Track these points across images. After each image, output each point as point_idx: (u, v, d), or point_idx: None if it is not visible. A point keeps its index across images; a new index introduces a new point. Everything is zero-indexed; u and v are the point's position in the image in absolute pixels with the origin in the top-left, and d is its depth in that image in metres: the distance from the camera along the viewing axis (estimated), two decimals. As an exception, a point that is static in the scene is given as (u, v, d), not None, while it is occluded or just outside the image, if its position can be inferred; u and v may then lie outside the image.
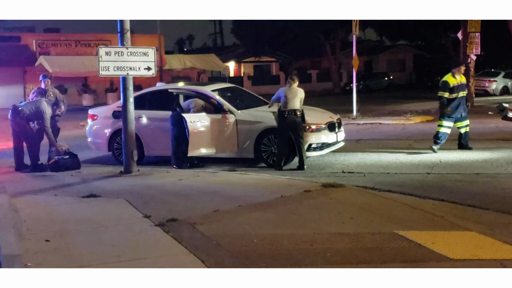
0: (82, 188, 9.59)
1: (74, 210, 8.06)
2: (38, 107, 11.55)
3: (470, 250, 5.94)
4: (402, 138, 15.60)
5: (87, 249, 6.23)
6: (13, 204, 8.27)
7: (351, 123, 19.65)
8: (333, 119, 12.45)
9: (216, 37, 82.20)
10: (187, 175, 10.55)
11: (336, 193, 8.58)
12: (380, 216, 7.26)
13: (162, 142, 12.33)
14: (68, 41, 41.50)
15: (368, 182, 9.67)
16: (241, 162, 12.13)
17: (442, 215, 7.28)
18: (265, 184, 9.50)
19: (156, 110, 12.71)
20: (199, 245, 6.22)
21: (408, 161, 11.80)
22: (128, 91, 10.96)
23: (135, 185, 9.73)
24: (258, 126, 11.85)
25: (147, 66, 11.04)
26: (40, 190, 9.59)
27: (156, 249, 6.18)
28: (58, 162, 11.50)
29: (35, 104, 11.73)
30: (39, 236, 6.71)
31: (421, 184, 9.58)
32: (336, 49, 46.40)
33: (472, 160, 11.68)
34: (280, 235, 6.54)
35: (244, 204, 8.01)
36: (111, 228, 7.06)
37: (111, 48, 10.88)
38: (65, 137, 15.44)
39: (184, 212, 7.64)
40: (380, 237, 6.36)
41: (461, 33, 24.74)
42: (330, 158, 12.44)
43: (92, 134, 13.56)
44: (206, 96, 12.35)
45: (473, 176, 10.05)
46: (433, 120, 20.17)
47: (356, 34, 22.58)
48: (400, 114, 22.40)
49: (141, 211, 7.78)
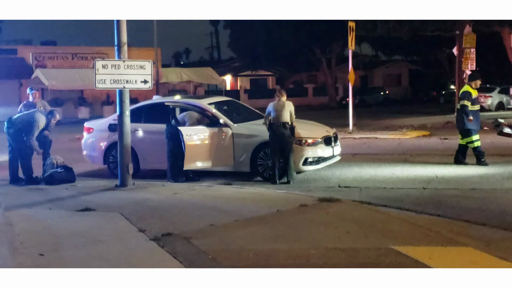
0: (77, 201, 9.54)
1: (68, 224, 8.01)
2: (31, 118, 11.51)
3: (467, 266, 5.90)
4: (398, 153, 15.61)
5: (81, 263, 6.18)
6: (7, 218, 8.22)
7: (347, 137, 19.67)
8: (330, 133, 12.46)
9: (213, 51, 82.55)
10: (183, 189, 10.51)
11: (333, 207, 8.56)
12: (376, 231, 7.23)
13: (158, 155, 12.31)
14: (65, 54, 41.60)
15: (365, 197, 9.65)
16: (237, 176, 12.10)
17: (439, 231, 7.25)
18: (261, 198, 9.47)
19: (152, 123, 12.69)
20: (194, 260, 6.18)
21: (404, 176, 11.79)
22: (124, 104, 10.95)
23: (130, 199, 9.69)
24: (254, 139, 11.85)
25: (143, 79, 11.04)
26: (35, 203, 9.53)
27: (151, 263, 6.13)
28: (53, 175, 11.46)
29: (29, 115, 11.69)
30: (33, 250, 6.66)
31: (417, 199, 9.57)
32: (332, 64, 46.58)
33: (468, 175, 11.67)
34: (276, 250, 6.51)
35: (240, 219, 7.98)
36: (106, 242, 7.01)
37: (108, 61, 10.88)
38: (60, 150, 15.38)
39: (179, 226, 7.60)
40: (377, 252, 6.33)
41: (456, 48, 24.90)
42: (326, 172, 12.43)
43: (87, 147, 13.53)
44: (202, 109, 12.34)
45: (469, 192, 10.04)
46: (429, 135, 20.23)
47: (352, 48, 22.67)
48: (396, 128, 22.44)
49: (136, 225, 7.73)
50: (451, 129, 22.12)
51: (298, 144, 11.66)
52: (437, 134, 20.07)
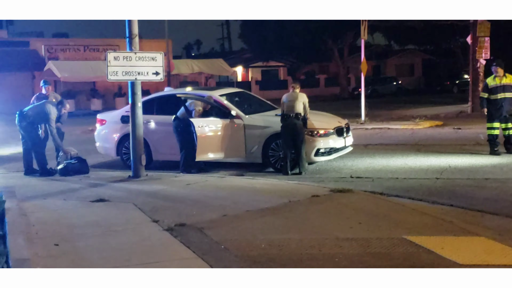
0: (91, 192, 9.62)
1: (82, 214, 8.08)
2: (43, 109, 11.59)
3: (480, 255, 5.90)
4: (411, 143, 15.55)
5: (95, 253, 6.25)
6: (22, 209, 8.30)
7: (359, 128, 19.60)
8: (341, 124, 12.44)
9: (224, 42, 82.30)
10: (195, 180, 10.56)
11: (345, 198, 8.56)
12: (388, 221, 7.24)
13: (170, 146, 12.36)
14: (77, 46, 41.72)
15: (377, 187, 9.65)
16: (248, 167, 12.13)
17: (451, 220, 7.24)
18: (273, 189, 9.49)
19: (164, 115, 12.71)
20: (207, 250, 6.22)
21: (417, 166, 11.76)
22: (136, 96, 10.99)
23: (143, 190, 9.75)
24: (266, 131, 11.86)
25: (155, 71, 11.07)
26: (49, 194, 9.62)
27: (165, 253, 6.19)
28: (67, 166, 11.55)
29: (39, 107, 11.77)
30: (48, 240, 6.74)
31: (430, 189, 9.54)
32: (344, 54, 46.39)
33: (482, 165, 11.62)
34: (288, 239, 6.53)
35: (252, 209, 8.01)
36: (120, 232, 7.07)
37: (119, 53, 10.92)
38: (74, 142, 15.51)
39: (192, 216, 7.65)
40: (389, 242, 6.33)
41: (470, 37, 24.66)
42: (338, 163, 12.42)
43: (100, 139, 13.60)
44: (214, 101, 12.36)
45: (483, 181, 10.00)
46: (442, 125, 20.13)
47: (365, 38, 22.55)
48: (408, 119, 22.32)
49: (149, 216, 7.79)
50: (464, 118, 22.04)
51: (310, 135, 11.66)
52: (450, 124, 19.95)
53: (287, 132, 11.40)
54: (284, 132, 11.44)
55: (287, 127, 11.38)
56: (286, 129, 11.40)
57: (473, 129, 18.12)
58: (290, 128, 11.36)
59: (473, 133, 16.70)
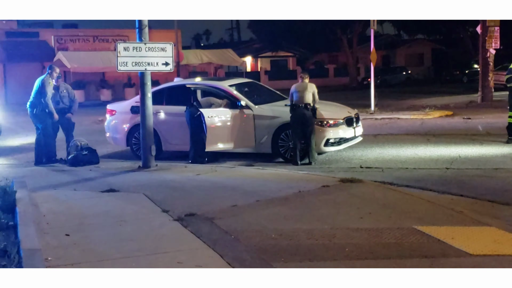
0: (101, 182, 9.66)
1: (93, 204, 8.13)
2: (35, 87, 11.85)
3: (490, 245, 5.89)
4: (421, 133, 15.51)
5: (106, 243, 6.28)
6: (33, 199, 8.35)
7: (369, 118, 19.56)
8: (351, 114, 12.41)
9: (233, 32, 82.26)
10: (205, 170, 10.58)
11: (355, 188, 8.56)
12: (399, 211, 7.23)
13: (179, 137, 12.38)
14: (86, 36, 41.75)
15: (387, 177, 9.64)
16: (258, 157, 12.14)
17: (461, 210, 7.22)
18: (282, 179, 9.49)
19: (174, 105, 12.73)
20: (217, 240, 6.24)
21: (426, 156, 11.73)
22: (146, 86, 11.01)
23: (153, 180, 9.78)
24: (276, 121, 11.85)
25: (165, 61, 11.06)
26: (60, 184, 9.67)
27: (175, 243, 6.22)
28: (77, 157, 11.60)
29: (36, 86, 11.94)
30: (59, 230, 6.78)
31: (440, 179, 9.52)
32: (354, 44, 46.18)
33: (492, 155, 11.57)
34: (298, 230, 6.54)
35: (262, 199, 8.02)
36: (130, 222, 7.10)
37: (129, 44, 10.93)
38: (84, 132, 15.56)
39: (202, 206, 7.67)
40: (399, 232, 6.33)
41: (480, 27, 24.50)
42: (348, 153, 12.41)
43: (110, 129, 13.64)
44: (223, 91, 12.35)
45: (493, 171, 9.97)
46: (452, 115, 20.05)
47: (374, 28, 22.44)
48: (418, 109, 22.24)
49: (159, 206, 7.82)
50: (474, 108, 21.93)
51: (320, 125, 11.64)
52: (460, 114, 19.86)
53: (297, 122, 11.39)
54: (293, 122, 11.43)
55: (297, 117, 11.37)
56: (295, 119, 11.39)
57: (483, 119, 18.04)
58: (299, 118, 11.35)
59: (483, 123, 16.63)
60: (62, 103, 12.34)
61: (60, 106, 12.26)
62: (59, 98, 12.29)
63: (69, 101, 12.46)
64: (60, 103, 12.29)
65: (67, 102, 12.42)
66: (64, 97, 12.39)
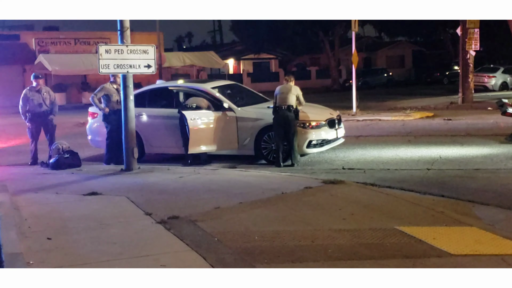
0: (83, 186, 9.61)
1: (75, 208, 8.08)
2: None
3: (471, 245, 5.95)
4: (402, 134, 15.62)
5: (88, 246, 6.25)
6: (14, 202, 8.28)
7: (351, 120, 19.66)
8: (333, 115, 12.47)
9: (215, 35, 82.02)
10: (188, 173, 10.57)
11: (337, 189, 8.60)
12: (380, 212, 7.28)
13: (162, 139, 12.36)
14: (68, 39, 41.44)
15: (369, 178, 9.70)
16: (241, 159, 12.15)
17: (443, 211, 7.29)
18: (265, 181, 9.51)
19: (156, 107, 12.71)
20: (200, 242, 6.24)
21: (408, 157, 11.82)
22: (128, 88, 10.97)
23: (136, 183, 9.75)
24: (258, 123, 11.87)
25: (147, 63, 11.04)
26: (41, 188, 9.60)
27: (158, 246, 6.20)
28: (58, 160, 11.52)
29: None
30: (40, 234, 6.73)
31: (422, 180, 9.61)
32: (335, 46, 46.36)
33: (472, 155, 11.70)
34: (281, 231, 6.56)
35: (245, 201, 8.03)
36: (113, 225, 7.07)
37: (111, 46, 10.89)
38: (66, 135, 15.46)
39: (185, 209, 7.66)
40: (381, 233, 6.38)
41: (460, 29, 24.76)
42: (330, 155, 12.46)
43: (92, 132, 13.56)
44: (206, 93, 12.35)
45: (473, 172, 10.07)
46: (433, 116, 20.22)
47: (355, 30, 22.58)
48: (399, 110, 22.41)
49: (142, 209, 7.80)
50: (455, 109, 22.15)
51: (302, 127, 11.68)
52: (441, 115, 20.05)
53: (279, 124, 11.42)
54: (276, 124, 11.46)
55: (279, 119, 11.40)
56: (278, 121, 11.43)
57: (464, 120, 18.23)
58: (282, 120, 11.39)
59: (463, 124, 16.79)
60: (45, 105, 12.27)
61: (43, 108, 12.20)
62: (42, 101, 12.22)
63: (50, 103, 12.39)
64: (43, 105, 12.23)
65: (49, 105, 12.35)
66: (46, 99, 12.32)
